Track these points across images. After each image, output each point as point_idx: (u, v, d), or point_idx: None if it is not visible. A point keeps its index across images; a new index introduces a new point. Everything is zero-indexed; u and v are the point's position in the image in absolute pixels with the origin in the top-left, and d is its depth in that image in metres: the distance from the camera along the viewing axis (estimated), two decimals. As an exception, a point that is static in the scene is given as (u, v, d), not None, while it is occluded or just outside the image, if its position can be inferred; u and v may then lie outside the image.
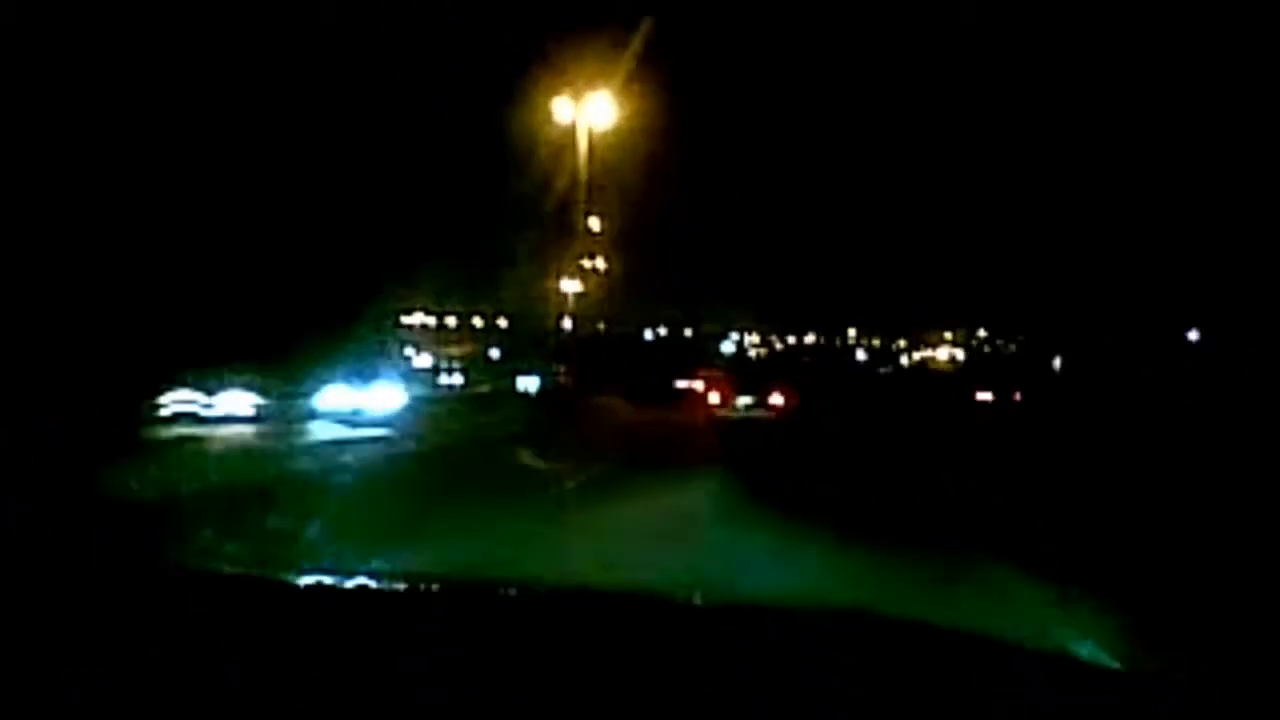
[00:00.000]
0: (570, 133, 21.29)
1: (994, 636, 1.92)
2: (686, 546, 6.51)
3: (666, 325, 54.20)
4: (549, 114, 21.49)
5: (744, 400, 21.78)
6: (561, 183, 22.24)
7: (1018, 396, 36.33)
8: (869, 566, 5.74)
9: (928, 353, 64.06)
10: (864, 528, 7.74)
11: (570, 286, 29.54)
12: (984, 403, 34.90)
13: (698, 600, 2.21)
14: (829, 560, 6.01)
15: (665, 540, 6.73)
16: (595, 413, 19.72)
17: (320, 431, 16.58)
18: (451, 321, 48.29)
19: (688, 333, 54.56)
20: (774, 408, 21.51)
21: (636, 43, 20.45)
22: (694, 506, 8.63)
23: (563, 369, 28.36)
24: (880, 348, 62.90)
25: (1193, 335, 43.20)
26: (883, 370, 59.13)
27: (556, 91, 21.00)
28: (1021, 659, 1.80)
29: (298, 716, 1.43)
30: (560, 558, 6.12)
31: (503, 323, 48.99)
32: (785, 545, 6.39)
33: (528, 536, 7.28)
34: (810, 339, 62.58)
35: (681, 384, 27.11)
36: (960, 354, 66.07)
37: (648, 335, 56.34)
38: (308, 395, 19.29)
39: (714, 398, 22.48)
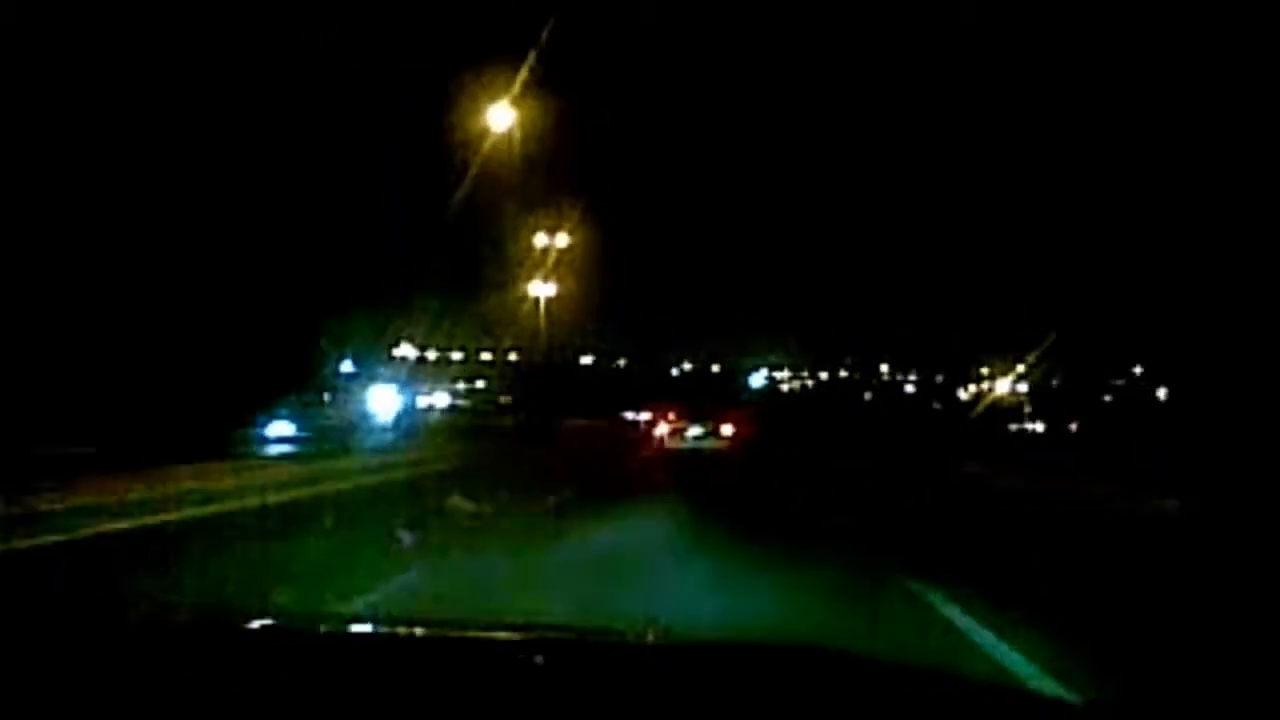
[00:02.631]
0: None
1: (950, 671, 1.98)
2: None
3: (692, 361, 51.19)
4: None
5: (694, 431, 18.72)
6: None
7: (1074, 427, 32.56)
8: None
9: (985, 386, 60.01)
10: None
11: (542, 290, 26.33)
12: (1030, 434, 31.09)
13: (652, 638, 2.16)
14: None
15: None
16: None
17: None
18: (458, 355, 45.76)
19: (715, 368, 51.41)
20: (727, 439, 18.56)
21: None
22: None
23: (506, 400, 25.43)
24: (923, 382, 58.91)
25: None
26: (935, 406, 55.50)
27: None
28: (976, 694, 1.84)
29: None
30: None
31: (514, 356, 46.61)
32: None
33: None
34: (844, 374, 58.95)
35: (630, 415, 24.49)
36: (1024, 387, 62.01)
37: (674, 371, 53.24)
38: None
39: (662, 430, 19.52)
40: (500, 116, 18.23)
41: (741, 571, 6.83)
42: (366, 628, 2.27)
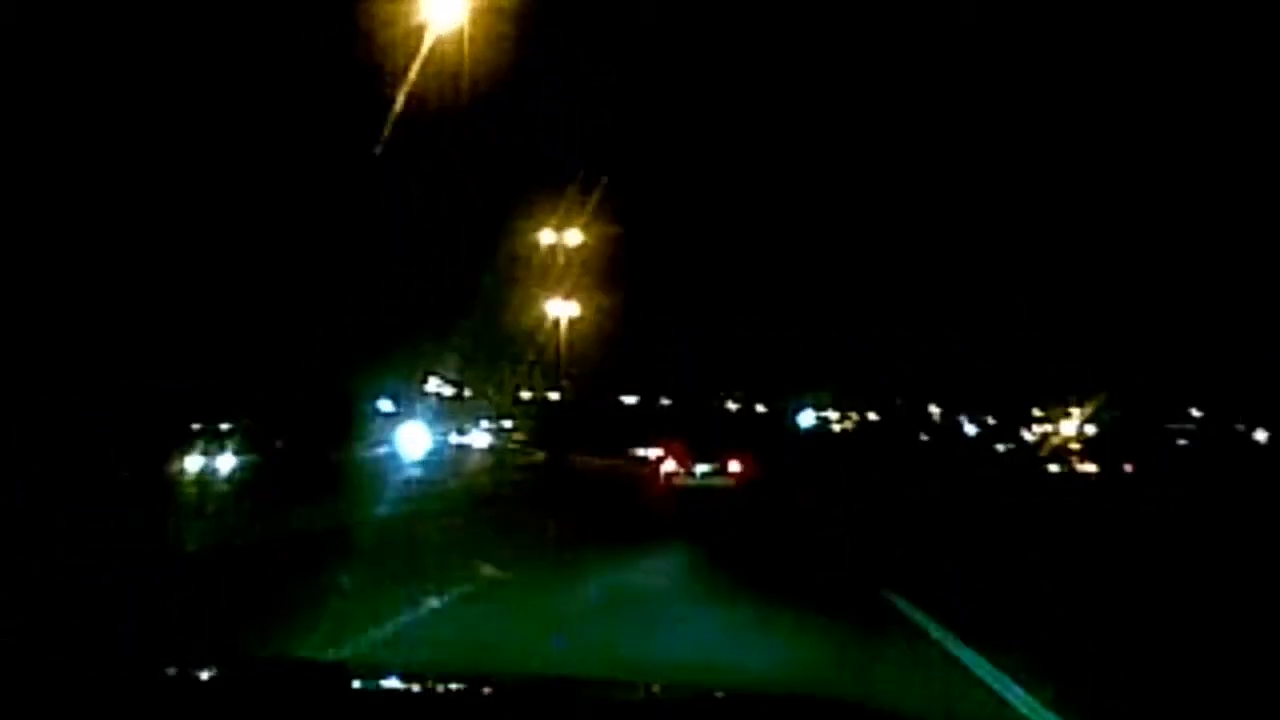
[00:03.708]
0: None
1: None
2: None
3: (736, 400, 50.12)
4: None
5: (702, 469, 18.41)
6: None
7: (1129, 468, 30.71)
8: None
9: (1048, 427, 57.63)
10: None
11: (563, 310, 25.41)
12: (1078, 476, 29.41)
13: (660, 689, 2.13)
14: None
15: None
16: None
17: None
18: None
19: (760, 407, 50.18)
20: (733, 475, 18.17)
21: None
22: None
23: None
24: (989, 424, 56.99)
25: None
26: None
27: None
28: None
29: None
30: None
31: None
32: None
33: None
34: (895, 415, 57.23)
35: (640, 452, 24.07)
36: (1091, 429, 59.53)
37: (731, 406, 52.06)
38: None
39: (669, 467, 19.08)
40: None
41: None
42: (371, 677, 2.19)
